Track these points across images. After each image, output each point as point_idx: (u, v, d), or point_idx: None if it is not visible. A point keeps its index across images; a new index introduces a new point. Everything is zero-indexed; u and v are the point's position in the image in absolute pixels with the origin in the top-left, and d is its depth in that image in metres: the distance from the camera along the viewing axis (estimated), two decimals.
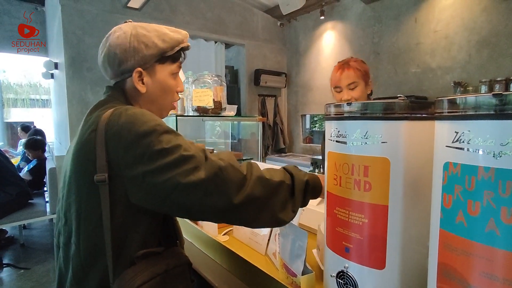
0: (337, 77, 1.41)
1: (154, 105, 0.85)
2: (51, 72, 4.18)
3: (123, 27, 0.80)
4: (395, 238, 0.56)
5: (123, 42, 0.77)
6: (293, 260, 0.76)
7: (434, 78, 3.13)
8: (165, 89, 0.85)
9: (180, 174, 0.63)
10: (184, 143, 0.67)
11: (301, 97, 4.65)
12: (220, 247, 1.02)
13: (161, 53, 0.80)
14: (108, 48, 0.78)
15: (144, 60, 0.78)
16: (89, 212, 0.69)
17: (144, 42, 0.78)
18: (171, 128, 0.71)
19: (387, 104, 0.57)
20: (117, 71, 0.80)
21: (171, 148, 0.65)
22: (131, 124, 0.66)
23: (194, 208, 0.65)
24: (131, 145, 0.65)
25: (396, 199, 0.56)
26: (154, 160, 0.64)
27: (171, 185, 0.63)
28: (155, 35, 0.79)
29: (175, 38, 0.82)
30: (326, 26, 4.19)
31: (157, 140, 0.65)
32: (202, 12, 3.88)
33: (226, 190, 0.64)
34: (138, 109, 0.73)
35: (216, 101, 1.46)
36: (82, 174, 0.70)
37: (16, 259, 3.02)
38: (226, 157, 0.69)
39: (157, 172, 0.63)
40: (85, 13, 3.07)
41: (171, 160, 0.63)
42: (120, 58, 0.77)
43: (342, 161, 0.62)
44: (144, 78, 0.80)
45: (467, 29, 2.86)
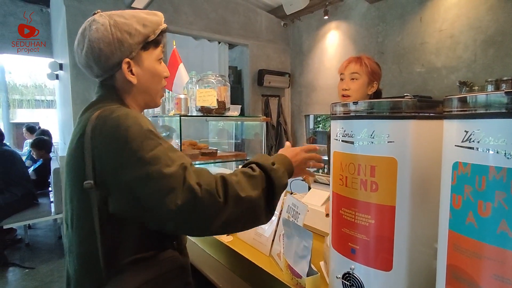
0: (343, 65, 1.45)
1: (147, 94, 0.83)
2: (56, 73, 4.20)
3: (97, 18, 0.74)
4: (403, 239, 0.55)
5: (104, 35, 0.72)
6: (298, 261, 0.75)
7: (439, 77, 3.10)
8: (155, 76, 0.82)
9: (156, 192, 0.61)
10: (165, 154, 0.64)
11: (304, 97, 4.64)
12: (224, 248, 1.01)
13: (144, 39, 0.76)
14: (88, 45, 0.72)
15: (130, 50, 0.74)
16: (81, 219, 0.70)
17: (127, 31, 0.73)
18: (156, 132, 0.69)
19: (394, 103, 0.56)
20: (104, 67, 0.75)
21: (151, 159, 0.62)
22: (114, 129, 0.65)
23: (169, 231, 0.65)
24: (114, 152, 0.64)
25: (403, 199, 0.55)
26: (134, 168, 0.62)
27: (149, 202, 0.62)
28: (135, 21, 0.75)
29: (155, 20, 0.79)
30: (330, 26, 4.17)
31: (139, 148, 0.63)
32: (206, 12, 3.89)
33: (201, 221, 0.62)
34: (124, 110, 0.70)
35: (220, 101, 1.45)
36: (74, 180, 0.70)
37: (21, 259, 3.04)
38: (204, 179, 0.64)
39: (136, 182, 0.62)
40: (88, 14, 3.03)
41: (150, 173, 0.61)
42: (106, 53, 0.72)
43: (348, 161, 0.61)
44: (133, 69, 0.77)
45: (472, 28, 2.83)
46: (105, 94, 0.80)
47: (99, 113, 0.70)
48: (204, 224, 0.63)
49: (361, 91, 1.40)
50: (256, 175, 0.70)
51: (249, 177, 0.69)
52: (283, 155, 0.83)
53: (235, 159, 1.62)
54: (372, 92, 1.44)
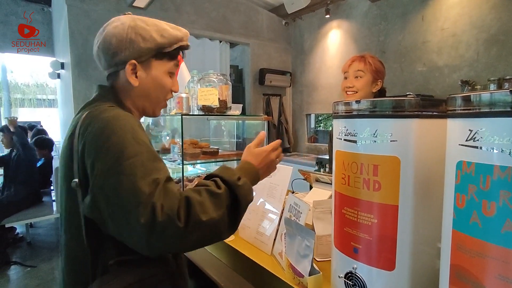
0: (347, 64, 1.45)
1: (147, 101, 0.84)
2: (57, 72, 4.21)
3: (122, 18, 0.79)
4: (405, 238, 0.55)
5: (119, 32, 0.75)
6: (299, 260, 0.75)
7: (440, 76, 3.09)
8: (159, 86, 0.82)
9: (124, 203, 0.60)
10: (143, 165, 0.63)
11: (306, 96, 4.63)
12: (226, 247, 1.01)
13: (158, 48, 0.78)
14: (104, 37, 0.76)
15: (139, 53, 0.76)
16: (70, 219, 0.71)
17: (142, 35, 0.76)
18: (141, 137, 0.68)
19: (398, 101, 0.55)
20: (110, 62, 0.78)
21: (127, 168, 0.61)
22: (99, 131, 0.65)
23: (127, 244, 0.64)
24: (95, 154, 0.64)
25: (406, 198, 0.55)
26: (109, 173, 0.62)
27: (114, 212, 0.61)
28: (154, 29, 0.78)
29: (174, 34, 0.80)
30: (331, 25, 4.16)
31: (119, 154, 0.62)
32: (207, 11, 3.88)
33: (158, 243, 0.60)
34: (113, 111, 0.70)
35: (221, 100, 1.45)
36: (64, 180, 0.71)
37: (23, 257, 3.05)
38: (168, 202, 0.61)
39: (107, 188, 0.61)
40: (90, 13, 3.09)
41: (122, 182, 0.60)
42: (115, 48, 0.76)
43: (351, 160, 0.61)
44: (138, 72, 0.78)
45: (475, 27, 2.82)
46: (101, 94, 0.81)
47: (89, 113, 0.71)
48: (161, 247, 0.60)
49: (365, 89, 1.40)
50: (220, 193, 0.67)
51: (213, 195, 0.66)
52: (249, 164, 0.80)
53: (236, 158, 1.62)
54: (376, 90, 1.44)
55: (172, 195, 0.63)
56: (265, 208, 1.10)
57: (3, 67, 5.34)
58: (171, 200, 0.62)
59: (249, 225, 1.14)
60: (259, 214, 1.12)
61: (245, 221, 1.16)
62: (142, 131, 0.72)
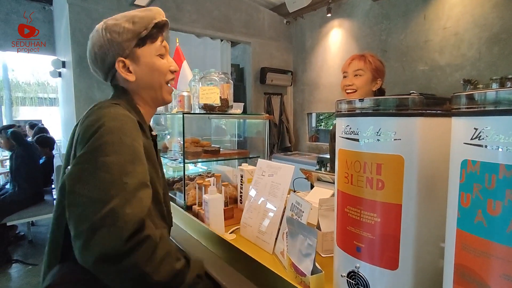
0: (347, 63, 1.46)
1: (151, 90, 0.85)
2: (58, 70, 4.21)
3: (96, 26, 0.81)
4: (409, 237, 0.55)
5: (97, 39, 0.78)
6: (302, 259, 0.75)
7: (442, 75, 3.08)
8: (154, 71, 0.83)
9: (85, 199, 0.59)
10: (119, 166, 0.62)
11: (307, 95, 4.62)
12: (227, 245, 1.01)
13: (135, 35, 0.78)
14: (89, 51, 0.80)
15: (121, 48, 0.77)
16: (58, 206, 0.73)
17: (115, 31, 0.77)
18: (128, 139, 0.67)
19: (401, 100, 0.55)
20: (103, 69, 0.80)
21: (103, 164, 0.61)
22: (91, 123, 0.67)
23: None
24: (81, 144, 0.66)
25: (410, 197, 0.54)
26: (83, 164, 0.62)
27: (74, 201, 0.60)
28: (124, 20, 0.78)
29: (146, 16, 0.80)
30: (332, 24, 4.15)
31: (100, 148, 0.63)
32: (208, 10, 3.87)
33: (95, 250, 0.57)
34: (114, 108, 0.72)
35: (222, 98, 1.45)
36: (64, 165, 0.77)
37: (24, 255, 3.06)
38: (137, 207, 0.60)
39: (77, 178, 0.61)
40: (92, 12, 3.08)
41: (94, 173, 0.61)
42: (100, 55, 0.78)
43: (354, 158, 0.61)
44: (130, 67, 0.79)
45: (477, 26, 2.81)
46: (115, 94, 0.85)
47: (92, 107, 0.74)
48: (94, 253, 0.56)
49: (365, 88, 1.40)
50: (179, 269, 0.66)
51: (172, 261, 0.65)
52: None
53: (238, 156, 1.61)
54: (376, 88, 1.43)
55: (142, 203, 0.62)
56: (267, 207, 1.10)
57: (4, 66, 5.35)
58: (141, 207, 0.61)
59: (251, 223, 1.14)
60: (261, 213, 1.11)
61: (247, 219, 1.16)
62: (137, 133, 0.72)
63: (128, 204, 0.60)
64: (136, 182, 0.64)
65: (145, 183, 0.67)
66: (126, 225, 0.58)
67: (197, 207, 1.30)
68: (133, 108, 0.83)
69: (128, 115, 0.73)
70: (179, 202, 1.42)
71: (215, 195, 1.16)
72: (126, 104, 0.81)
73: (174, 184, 1.58)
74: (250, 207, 1.17)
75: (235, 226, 1.22)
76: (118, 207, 0.58)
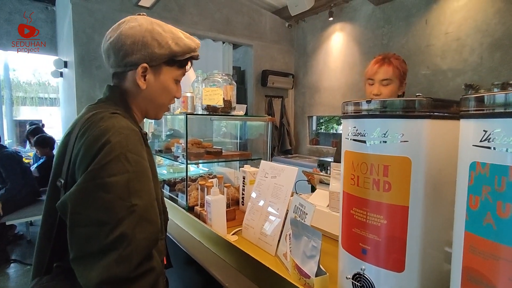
0: (374, 70, 1.34)
1: (151, 104, 0.85)
2: (60, 70, 4.21)
3: (139, 19, 0.78)
4: (415, 240, 0.55)
5: (135, 34, 0.75)
6: (306, 261, 0.74)
7: (444, 80, 3.08)
8: (165, 91, 0.84)
9: (90, 221, 0.59)
10: (125, 186, 0.61)
11: (308, 98, 4.63)
12: (230, 247, 1.01)
13: (171, 56, 0.79)
14: (118, 36, 0.76)
15: (152, 58, 0.77)
16: (48, 216, 0.72)
17: (158, 40, 0.77)
18: (133, 155, 0.65)
19: (409, 102, 0.55)
20: (120, 62, 0.77)
21: (107, 184, 0.60)
22: (94, 139, 0.65)
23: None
24: (84, 162, 0.64)
25: (417, 199, 0.54)
26: (88, 186, 0.60)
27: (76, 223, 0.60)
28: (170, 36, 0.79)
29: (188, 45, 0.82)
30: (334, 28, 4.16)
31: (104, 168, 0.61)
32: (211, 12, 3.89)
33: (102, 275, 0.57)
34: (115, 120, 0.69)
35: (226, 100, 1.45)
36: (53, 174, 0.73)
37: (22, 255, 3.04)
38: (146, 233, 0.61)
39: (81, 199, 0.60)
40: (95, 12, 3.09)
41: (96, 198, 0.59)
42: (127, 49, 0.75)
43: (360, 160, 0.61)
44: (148, 75, 0.79)
45: (479, 31, 2.82)
46: (109, 96, 0.81)
47: (91, 116, 0.71)
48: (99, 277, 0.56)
49: (393, 96, 1.34)
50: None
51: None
52: None
53: (240, 158, 1.61)
54: (402, 92, 1.38)
55: (146, 231, 0.61)
56: (269, 209, 1.10)
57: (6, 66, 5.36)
58: (143, 238, 0.60)
59: (253, 225, 1.13)
60: (263, 214, 1.11)
61: (249, 221, 1.15)
62: (140, 145, 0.70)
63: (138, 227, 0.60)
64: (145, 204, 0.63)
65: (153, 202, 0.67)
66: (137, 251, 0.58)
67: (199, 208, 1.29)
68: (131, 116, 0.81)
69: (131, 127, 0.71)
70: (181, 203, 1.41)
71: (218, 196, 1.16)
72: (124, 111, 0.79)
73: (175, 185, 1.58)
74: (253, 209, 1.17)
75: (237, 228, 1.22)
76: (129, 230, 0.58)
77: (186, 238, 1.21)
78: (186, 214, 1.28)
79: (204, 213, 1.22)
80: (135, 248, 0.58)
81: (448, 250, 0.52)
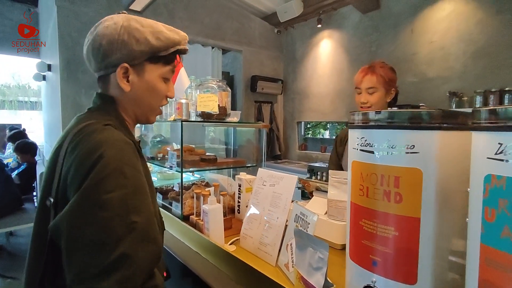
0: (359, 79, 1.42)
1: (138, 107, 0.79)
2: (43, 74, 4.08)
3: (115, 17, 0.74)
4: (428, 251, 0.54)
5: (111, 33, 0.70)
6: (312, 273, 0.73)
7: (431, 87, 3.17)
8: (152, 92, 0.78)
9: (87, 241, 0.55)
10: (123, 202, 0.58)
11: (297, 104, 4.66)
12: (229, 257, 0.98)
13: (153, 52, 0.73)
14: (94, 38, 0.71)
15: (132, 56, 0.72)
16: (37, 235, 0.68)
17: (135, 37, 0.71)
18: (130, 168, 0.62)
19: (419, 113, 0.55)
20: (100, 64, 0.73)
21: (104, 202, 0.56)
22: (86, 154, 0.60)
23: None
24: (76, 178, 0.59)
25: (428, 211, 0.54)
26: (83, 203, 0.57)
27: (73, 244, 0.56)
28: (149, 31, 0.73)
29: (172, 38, 0.76)
30: (323, 34, 4.22)
31: (100, 184, 0.57)
32: (200, 17, 3.87)
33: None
34: (107, 133, 0.65)
35: (221, 106, 1.43)
36: (42, 191, 0.68)
37: (3, 268, 2.89)
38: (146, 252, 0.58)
39: (77, 218, 0.56)
40: (81, 15, 3.02)
41: (93, 217, 0.56)
42: (105, 50, 0.70)
43: (370, 171, 0.60)
44: (130, 76, 0.73)
45: (463, 41, 2.92)
46: (99, 105, 0.76)
47: (82, 128, 0.66)
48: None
49: (380, 102, 1.40)
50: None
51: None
52: None
53: (235, 165, 1.59)
54: (391, 99, 1.43)
55: (148, 250, 0.58)
56: (268, 217, 1.08)
57: None
58: (150, 252, 0.58)
59: (251, 235, 1.11)
60: (262, 223, 1.09)
61: (247, 230, 1.13)
62: (136, 158, 0.66)
63: (140, 246, 0.57)
64: (145, 220, 0.60)
65: (153, 219, 0.63)
66: (140, 270, 0.56)
67: (195, 218, 1.26)
68: (122, 125, 0.77)
69: (124, 139, 0.67)
70: (175, 212, 1.38)
71: (215, 205, 1.13)
72: (116, 120, 0.75)
73: (167, 193, 1.54)
74: (251, 218, 1.15)
75: (234, 237, 1.19)
76: (130, 250, 0.55)
77: (182, 248, 1.17)
78: (181, 223, 1.25)
79: (201, 223, 1.19)
80: (138, 267, 0.56)
81: (460, 262, 0.51)
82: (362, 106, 1.43)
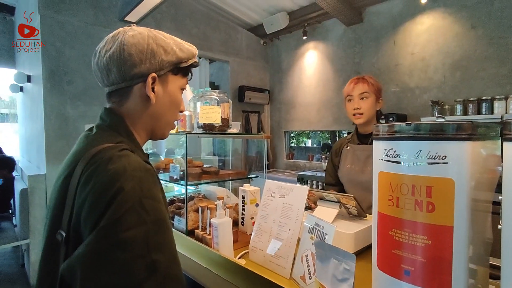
0: (351, 87, 1.48)
1: (158, 120, 0.77)
2: (21, 85, 3.90)
3: (135, 28, 0.71)
4: (461, 260, 0.56)
5: (139, 42, 0.68)
6: (337, 284, 0.73)
7: (412, 97, 3.31)
8: (173, 103, 0.77)
9: (104, 282, 0.51)
10: (144, 240, 0.54)
11: (284, 113, 4.72)
12: (242, 271, 0.96)
13: (178, 62, 0.74)
14: (119, 47, 0.67)
15: (160, 66, 0.70)
16: (46, 271, 0.63)
17: (163, 46, 0.71)
18: (150, 201, 0.57)
19: (449, 125, 0.57)
20: (126, 74, 0.68)
21: (123, 241, 0.52)
22: (104, 187, 0.56)
23: None
24: (93, 213, 0.55)
25: (461, 219, 0.56)
26: (100, 242, 0.53)
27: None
28: (173, 42, 0.73)
29: (191, 50, 0.77)
30: (308, 46, 4.33)
31: (118, 221, 0.53)
32: (188, 28, 3.87)
33: None
34: (126, 160, 0.60)
35: (223, 118, 1.42)
36: (50, 225, 0.63)
37: None
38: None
39: (93, 258, 0.52)
40: (66, 25, 2.94)
41: (111, 259, 0.51)
42: (135, 60, 0.67)
43: (399, 181, 0.62)
44: (156, 87, 0.71)
45: (441, 53, 3.09)
46: (110, 123, 0.72)
47: (96, 154, 0.61)
48: None
49: (371, 109, 1.46)
50: None
51: None
52: None
53: (236, 177, 1.58)
54: (379, 108, 1.50)
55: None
56: (280, 229, 1.07)
57: None
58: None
59: (261, 247, 1.10)
60: (272, 236, 1.09)
61: (256, 243, 1.12)
62: (155, 187, 0.61)
63: (162, 287, 0.53)
64: (167, 258, 0.56)
65: (176, 255, 0.59)
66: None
67: (200, 232, 1.23)
68: (135, 145, 0.73)
69: (144, 166, 0.61)
70: (178, 226, 1.34)
71: (224, 218, 1.12)
72: (128, 141, 0.71)
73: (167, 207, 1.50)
74: (260, 230, 1.14)
75: (243, 251, 1.17)
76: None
77: (191, 265, 1.14)
78: (187, 239, 1.21)
79: (208, 237, 1.17)
80: None
81: (494, 271, 0.53)
82: (355, 113, 1.48)
